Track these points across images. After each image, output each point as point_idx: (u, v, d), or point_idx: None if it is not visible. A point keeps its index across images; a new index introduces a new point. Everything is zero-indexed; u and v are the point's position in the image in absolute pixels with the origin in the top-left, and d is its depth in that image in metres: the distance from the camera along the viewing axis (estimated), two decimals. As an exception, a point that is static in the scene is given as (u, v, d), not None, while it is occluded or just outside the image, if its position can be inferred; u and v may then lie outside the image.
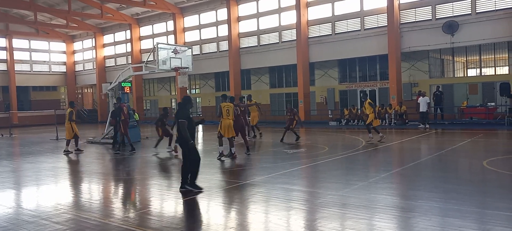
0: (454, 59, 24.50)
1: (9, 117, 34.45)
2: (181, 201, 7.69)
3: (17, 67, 40.36)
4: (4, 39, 39.67)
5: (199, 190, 7.98)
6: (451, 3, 22.73)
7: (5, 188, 9.52)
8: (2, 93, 40.78)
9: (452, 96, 23.97)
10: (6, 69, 40.01)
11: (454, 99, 23.95)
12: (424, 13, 23.72)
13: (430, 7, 23.40)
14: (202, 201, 7.57)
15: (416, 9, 23.93)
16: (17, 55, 40.64)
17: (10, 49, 39.86)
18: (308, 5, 27.73)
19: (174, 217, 6.66)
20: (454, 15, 22.59)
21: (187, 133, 8.00)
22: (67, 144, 15.26)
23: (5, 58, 40.01)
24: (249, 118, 17.47)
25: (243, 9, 31.10)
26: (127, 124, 15.46)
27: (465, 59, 24.50)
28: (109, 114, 18.46)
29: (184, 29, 34.62)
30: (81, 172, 11.68)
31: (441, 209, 6.37)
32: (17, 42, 40.63)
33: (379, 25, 25.10)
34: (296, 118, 16.69)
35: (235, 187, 8.57)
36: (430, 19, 23.40)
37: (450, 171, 9.98)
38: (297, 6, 27.41)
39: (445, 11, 23.00)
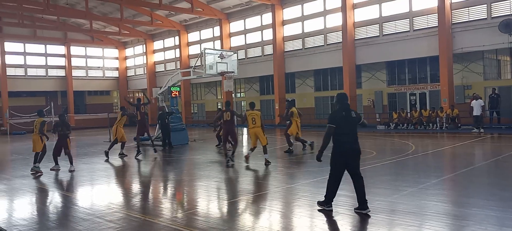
0: (512, 60, 23.13)
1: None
2: (226, 202, 7.81)
3: (74, 73, 42.71)
4: (63, 46, 42.15)
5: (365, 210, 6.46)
6: (509, 1, 21.47)
7: (62, 187, 10.12)
8: (61, 97, 43.27)
9: (510, 99, 22.58)
10: (64, 75, 42.45)
11: (512, 102, 22.57)
12: (478, 12, 22.57)
13: (485, 5, 22.23)
14: (247, 204, 7.64)
15: (470, 8, 22.82)
16: (74, 62, 43.02)
17: (68, 56, 42.29)
18: (354, 6, 27.24)
19: (220, 218, 6.77)
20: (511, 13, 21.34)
21: (326, 142, 6.50)
22: (122, 147, 15.27)
23: (64, 64, 42.47)
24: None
25: (288, 13, 31.09)
26: (143, 127, 15.39)
27: (524, 59, 23.04)
28: (158, 118, 19.10)
29: (230, 34, 35.14)
30: (132, 173, 12.15)
31: (498, 218, 6.03)
32: (74, 50, 43.03)
33: (429, 26, 24.18)
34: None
35: (280, 190, 8.58)
36: (485, 18, 22.22)
37: (508, 178, 9.41)
38: (343, 8, 27.01)
39: (501, 9, 21.76)
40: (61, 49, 42.29)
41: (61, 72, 42.55)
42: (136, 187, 10.20)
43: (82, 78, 43.58)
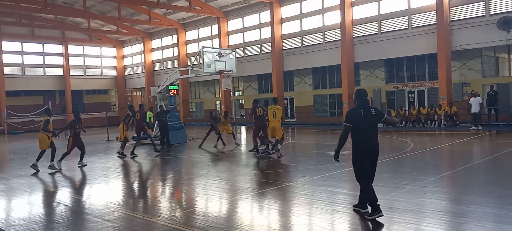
0: (510, 57, 23.14)
1: (64, 119, 36.45)
2: (226, 201, 7.81)
3: (72, 72, 42.62)
4: (61, 45, 42.05)
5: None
6: (507, -2, 21.50)
7: (61, 187, 10.10)
8: (58, 97, 43.19)
9: (508, 96, 22.62)
10: (62, 74, 42.35)
11: (510, 99, 22.59)
12: (476, 9, 22.58)
13: (484, 2, 22.24)
14: (246, 202, 7.63)
15: (468, 5, 22.83)
16: (72, 61, 42.93)
17: (66, 55, 42.19)
18: (353, 4, 27.23)
19: (218, 217, 6.76)
20: (510, 10, 21.32)
21: (342, 141, 6.13)
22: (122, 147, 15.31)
23: (62, 63, 42.38)
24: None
25: (286, 11, 31.07)
26: (139, 127, 15.23)
27: (522, 56, 23.07)
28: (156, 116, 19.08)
29: (228, 33, 35.11)
30: (130, 172, 12.13)
31: (496, 215, 6.04)
32: (72, 49, 42.94)
33: (427, 23, 24.19)
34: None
35: (278, 189, 8.57)
36: (484, 15, 22.24)
37: (506, 176, 9.42)
38: (342, 6, 27.00)
39: (500, 6, 21.78)
40: (59, 48, 42.19)
41: (59, 72, 42.45)
42: (134, 186, 10.18)
43: (80, 77, 43.50)
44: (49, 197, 9.07)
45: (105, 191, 9.57)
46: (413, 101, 26.02)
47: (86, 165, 12.64)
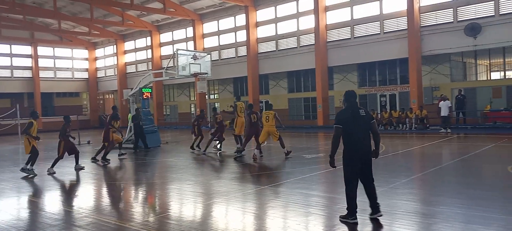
0: (476, 62, 23.99)
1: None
2: (200, 205, 7.74)
3: (42, 74, 41.40)
4: (30, 47, 40.80)
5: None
6: (474, 5, 22.28)
7: (29, 193, 9.78)
8: (27, 99, 41.88)
9: (475, 100, 23.44)
10: (31, 76, 41.10)
11: (477, 103, 23.41)
12: (445, 16, 23.31)
13: (452, 9, 22.99)
14: (221, 206, 7.60)
15: (437, 11, 23.54)
16: (42, 63, 41.71)
17: (35, 57, 40.96)
18: (326, 9, 27.61)
19: (193, 222, 6.70)
20: (476, 17, 22.12)
21: (335, 145, 6.02)
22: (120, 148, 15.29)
23: (30, 65, 41.12)
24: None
25: (262, 15, 31.20)
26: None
27: (488, 62, 23.94)
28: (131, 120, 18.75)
29: (203, 35, 34.94)
30: (102, 177, 11.87)
31: (464, 215, 6.23)
32: (41, 50, 41.72)
33: (399, 29, 24.79)
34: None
35: (253, 192, 8.57)
36: (452, 22, 22.98)
37: (474, 177, 9.74)
38: (316, 11, 27.33)
39: (467, 13, 22.56)
40: (28, 50, 40.92)
41: (28, 73, 41.18)
42: (106, 190, 9.97)
43: (50, 79, 42.30)
44: (16, 203, 8.76)
45: (76, 196, 9.32)
46: (385, 104, 26.59)
47: (83, 168, 12.39)
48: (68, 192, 9.80)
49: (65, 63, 43.91)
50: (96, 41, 44.55)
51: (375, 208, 6.05)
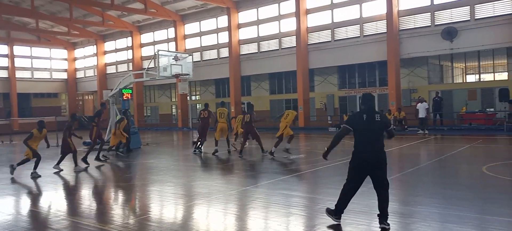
0: (453, 65, 24.58)
1: (9, 123, 34.51)
2: (181, 207, 7.72)
3: (18, 74, 40.46)
4: (6, 46, 39.82)
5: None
6: (450, 10, 22.84)
7: (5, 195, 9.55)
8: (3, 100, 40.86)
9: (451, 102, 24.02)
10: (7, 76, 40.12)
11: (453, 105, 23.99)
12: (423, 20, 23.81)
13: (429, 13, 23.50)
14: (202, 207, 7.59)
15: (415, 15, 24.03)
16: (18, 63, 40.77)
17: (11, 57, 40.02)
18: (307, 12, 27.85)
19: (173, 224, 6.68)
20: (453, 21, 22.68)
21: (335, 142, 5.97)
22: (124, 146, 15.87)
23: (7, 65, 40.14)
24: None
25: (244, 17, 31.24)
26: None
27: (464, 65, 24.57)
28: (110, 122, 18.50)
29: (185, 36, 34.77)
30: (81, 178, 11.69)
31: (440, 215, 6.38)
32: (18, 50, 40.78)
33: (378, 32, 25.20)
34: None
35: (234, 193, 8.59)
36: (429, 26, 23.49)
37: (450, 177, 9.99)
38: (297, 13, 27.55)
39: (444, 17, 23.10)
40: (4, 49, 39.94)
41: (4, 73, 40.21)
42: (85, 193, 9.82)
43: (27, 80, 41.39)
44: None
45: (54, 198, 9.16)
46: (365, 106, 26.92)
47: (61, 170, 12.23)
48: (46, 194, 9.61)
49: (43, 63, 43.04)
50: (76, 41, 43.80)
51: (381, 217, 5.75)
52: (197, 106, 36.82)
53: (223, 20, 32.01)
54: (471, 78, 24.48)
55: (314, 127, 27.86)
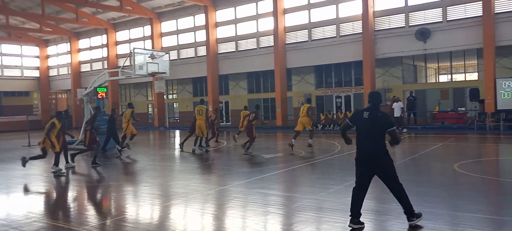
0: (426, 66, 25.18)
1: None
2: (157, 207, 7.63)
3: (-13, 72, 39.18)
4: (-26, 43, 38.48)
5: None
6: (423, 11, 23.37)
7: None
8: (-29, 98, 39.50)
9: (425, 102, 24.61)
10: (-25, 74, 38.78)
11: (426, 105, 24.59)
12: (397, 21, 24.29)
13: (404, 14, 23.99)
14: (179, 207, 7.52)
15: (390, 16, 24.49)
16: (-13, 60, 39.47)
17: (-21, 54, 38.68)
18: (285, 12, 27.99)
19: (150, 224, 6.59)
20: (426, 22, 23.22)
21: (342, 134, 6.20)
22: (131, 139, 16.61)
23: (-25, 62, 38.80)
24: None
25: (221, 15, 31.12)
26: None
27: (437, 65, 25.22)
28: (84, 122, 18.08)
29: (162, 35, 34.37)
30: (54, 179, 11.39)
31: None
32: (-13, 47, 39.47)
33: (354, 32, 25.55)
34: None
35: (212, 192, 8.55)
36: (404, 26, 23.98)
37: (423, 175, 10.22)
38: (274, 13, 27.64)
39: (417, 18, 23.63)
40: (-28, 46, 38.60)
41: (-28, 71, 38.83)
42: (59, 194, 9.58)
43: (-3, 78, 40.09)
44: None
45: (26, 200, 8.90)
46: (341, 105, 27.34)
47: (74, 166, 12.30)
48: (16, 196, 9.33)
49: (14, 61, 41.75)
50: (48, 38, 42.65)
51: (406, 213, 5.71)
52: (174, 106, 36.52)
53: (200, 19, 31.80)
54: (443, 78, 25.15)
55: (292, 126, 27.92)
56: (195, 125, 15.31)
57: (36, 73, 43.30)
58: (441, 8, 22.81)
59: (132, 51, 17.78)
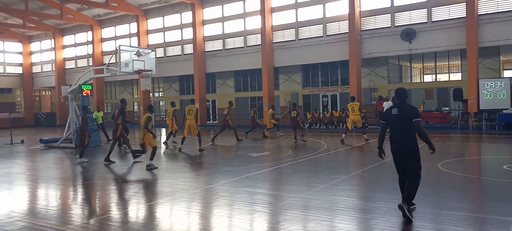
0: (411, 66, 25.50)
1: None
2: (143, 206, 7.57)
3: (-32, 68, 38.32)
4: (-46, 38, 37.58)
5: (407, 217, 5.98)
6: (409, 12, 23.65)
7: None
8: (-49, 95, 38.56)
9: (410, 101, 24.89)
10: (-45, 70, 37.88)
11: (411, 104, 24.84)
12: (383, 21, 24.52)
13: (389, 15, 24.24)
14: (165, 206, 7.48)
15: (376, 16, 24.71)
16: (-32, 56, 38.60)
17: (-40, 49, 37.80)
18: (272, 10, 28.01)
19: (135, 223, 6.54)
20: (411, 23, 23.50)
21: (379, 138, 6.49)
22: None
23: (-45, 58, 37.90)
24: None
25: (208, 13, 31.00)
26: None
27: (421, 65, 25.54)
28: (68, 119, 17.85)
29: (148, 32, 34.07)
30: (37, 178, 11.23)
31: (399, 210, 6.59)
32: (-32, 42, 38.59)
33: (340, 32, 25.71)
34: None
35: (199, 191, 8.52)
36: (389, 27, 24.22)
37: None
38: (262, 11, 27.64)
39: (403, 19, 23.89)
40: (-48, 41, 37.68)
41: (-48, 67, 37.91)
42: (42, 192, 9.44)
43: (-22, 74, 39.24)
44: None
45: (8, 199, 8.74)
46: (327, 104, 27.52)
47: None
48: (0, 195, 9.17)
49: (-4, 57, 40.93)
50: (32, 34, 41.90)
51: (405, 200, 6.15)
52: (161, 104, 36.25)
53: (187, 16, 31.62)
54: (428, 78, 25.50)
55: (279, 125, 27.99)
56: (185, 125, 15.32)
57: (19, 70, 42.52)
58: (426, 9, 23.12)
59: (117, 48, 17.57)
